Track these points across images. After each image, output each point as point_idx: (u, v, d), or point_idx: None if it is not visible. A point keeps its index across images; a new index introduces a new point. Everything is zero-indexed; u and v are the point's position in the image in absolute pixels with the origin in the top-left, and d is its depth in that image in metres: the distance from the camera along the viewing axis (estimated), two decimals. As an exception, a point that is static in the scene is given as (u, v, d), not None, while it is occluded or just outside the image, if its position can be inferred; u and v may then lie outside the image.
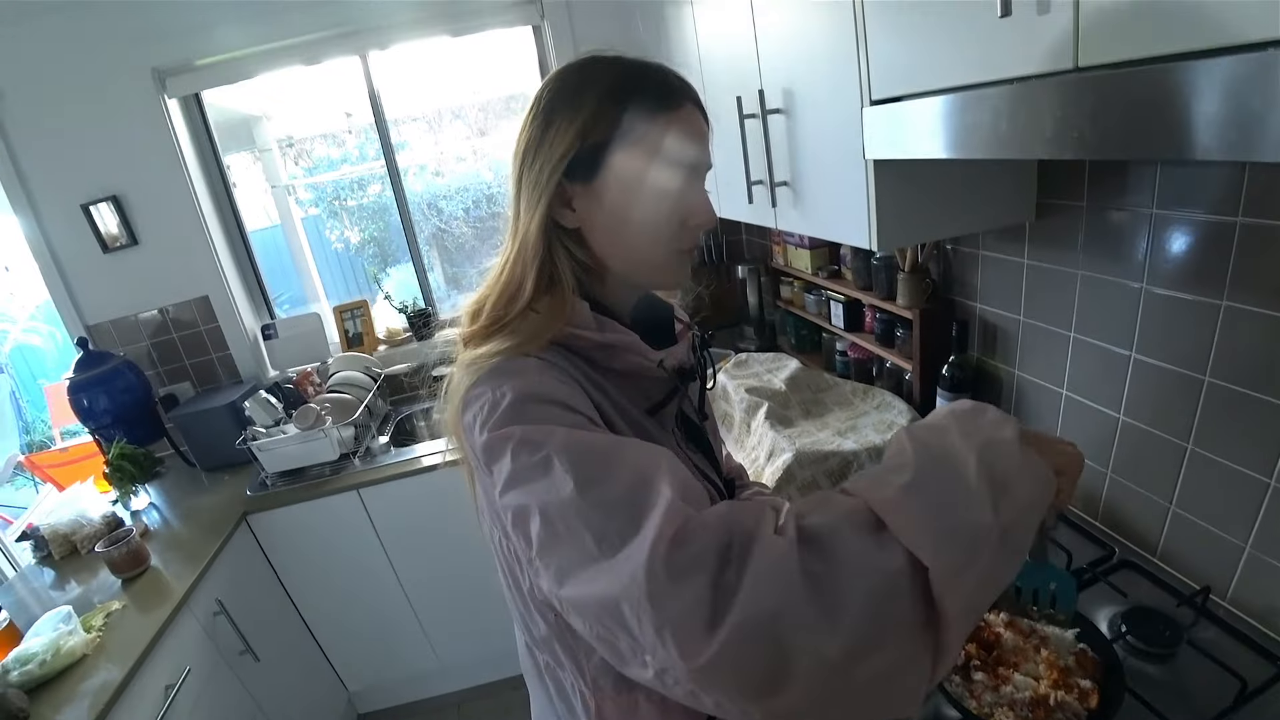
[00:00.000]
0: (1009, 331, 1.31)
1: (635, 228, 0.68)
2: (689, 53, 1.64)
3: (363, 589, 2.14)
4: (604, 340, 0.67)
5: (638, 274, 0.72)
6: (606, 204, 0.67)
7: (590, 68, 0.68)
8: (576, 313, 0.67)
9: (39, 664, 1.37)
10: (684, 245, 0.70)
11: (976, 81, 0.72)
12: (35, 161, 2.23)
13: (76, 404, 2.20)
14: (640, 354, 0.69)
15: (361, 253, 4.38)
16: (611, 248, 0.69)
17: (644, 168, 0.65)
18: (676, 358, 0.74)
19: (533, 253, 0.68)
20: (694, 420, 0.80)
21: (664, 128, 0.66)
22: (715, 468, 0.81)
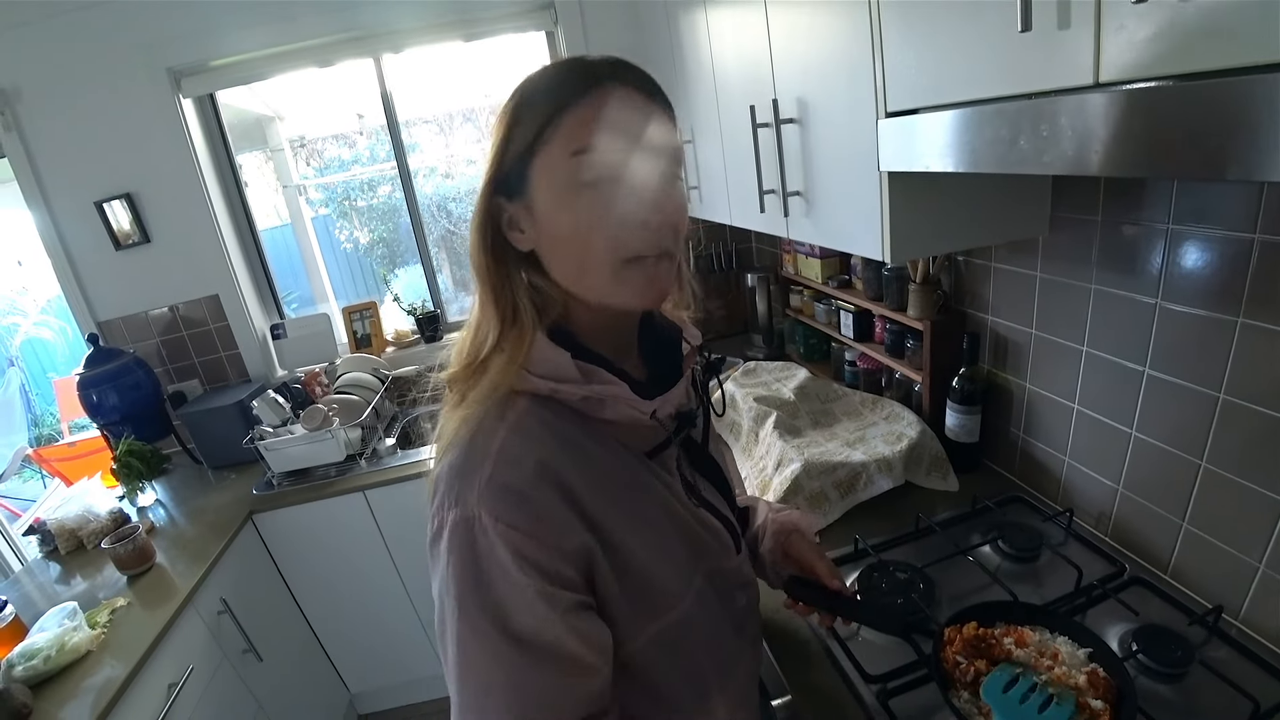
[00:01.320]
0: (1020, 344, 1.30)
1: (571, 238, 0.59)
2: (702, 60, 1.64)
3: (367, 591, 2.14)
4: (587, 392, 0.62)
5: (593, 293, 0.62)
6: (542, 218, 0.60)
7: (521, 81, 0.62)
8: (555, 362, 0.62)
9: (43, 660, 1.37)
10: (633, 250, 0.59)
11: (995, 96, 0.72)
12: (51, 158, 2.26)
13: (86, 400, 2.21)
14: (629, 405, 0.63)
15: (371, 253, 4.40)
16: (562, 268, 0.62)
17: (562, 165, 0.57)
18: (672, 404, 0.68)
19: (487, 283, 0.63)
20: (703, 450, 0.77)
21: (581, 117, 0.57)
22: (728, 497, 0.78)
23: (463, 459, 0.60)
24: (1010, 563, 1.16)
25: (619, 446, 0.66)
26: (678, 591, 0.67)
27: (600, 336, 0.67)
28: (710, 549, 0.72)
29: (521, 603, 0.55)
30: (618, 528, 0.62)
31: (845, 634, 1.05)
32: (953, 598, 1.09)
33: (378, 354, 2.58)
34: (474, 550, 0.56)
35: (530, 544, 0.56)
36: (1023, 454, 1.37)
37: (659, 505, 0.68)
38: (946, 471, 1.40)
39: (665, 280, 0.63)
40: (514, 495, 0.57)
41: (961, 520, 1.27)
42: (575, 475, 0.60)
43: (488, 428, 0.61)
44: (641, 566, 0.63)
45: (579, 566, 0.59)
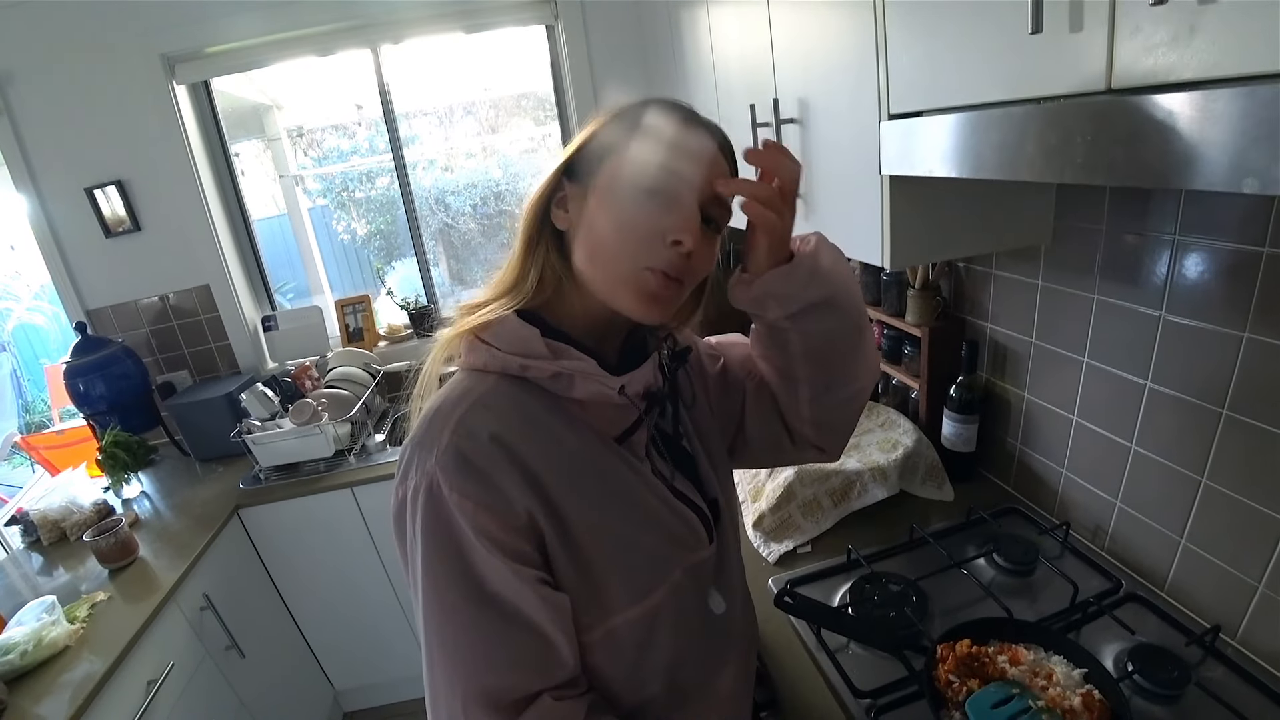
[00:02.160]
0: (1020, 354, 1.28)
1: (608, 228, 0.64)
2: (703, 57, 1.61)
3: (354, 588, 2.12)
4: (557, 369, 0.65)
5: (601, 286, 0.65)
6: (591, 206, 0.65)
7: (638, 101, 0.68)
8: (524, 338, 0.65)
9: (20, 654, 1.35)
10: (655, 262, 0.63)
11: (1002, 100, 0.70)
12: (41, 143, 2.23)
13: (73, 389, 2.19)
14: (598, 381, 0.66)
15: (368, 245, 4.37)
16: (585, 253, 0.66)
17: (633, 170, 0.63)
18: (640, 382, 0.70)
19: (523, 240, 0.69)
20: (676, 441, 0.77)
21: (667, 138, 0.63)
22: (700, 487, 0.77)
23: (423, 431, 0.63)
24: (1005, 576, 1.14)
25: (589, 431, 0.68)
26: (646, 585, 0.67)
27: (584, 329, 0.69)
28: (682, 538, 0.71)
29: (485, 568, 0.59)
30: (577, 511, 0.63)
31: (835, 646, 1.03)
32: (946, 611, 1.07)
33: (370, 348, 2.55)
34: (436, 517, 0.59)
35: (484, 515, 0.58)
36: (1020, 465, 1.35)
37: (627, 491, 0.68)
38: (942, 481, 1.38)
39: (668, 302, 0.65)
40: (467, 465, 0.59)
41: (956, 531, 1.25)
42: (536, 454, 0.62)
43: (452, 400, 0.64)
44: (600, 556, 0.64)
45: (534, 543, 0.61)
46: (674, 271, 0.63)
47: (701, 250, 0.65)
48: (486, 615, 0.59)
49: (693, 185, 0.63)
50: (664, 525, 0.70)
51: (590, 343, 0.68)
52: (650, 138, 0.64)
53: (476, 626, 0.59)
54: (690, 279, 0.66)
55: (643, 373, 0.70)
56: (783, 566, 1.26)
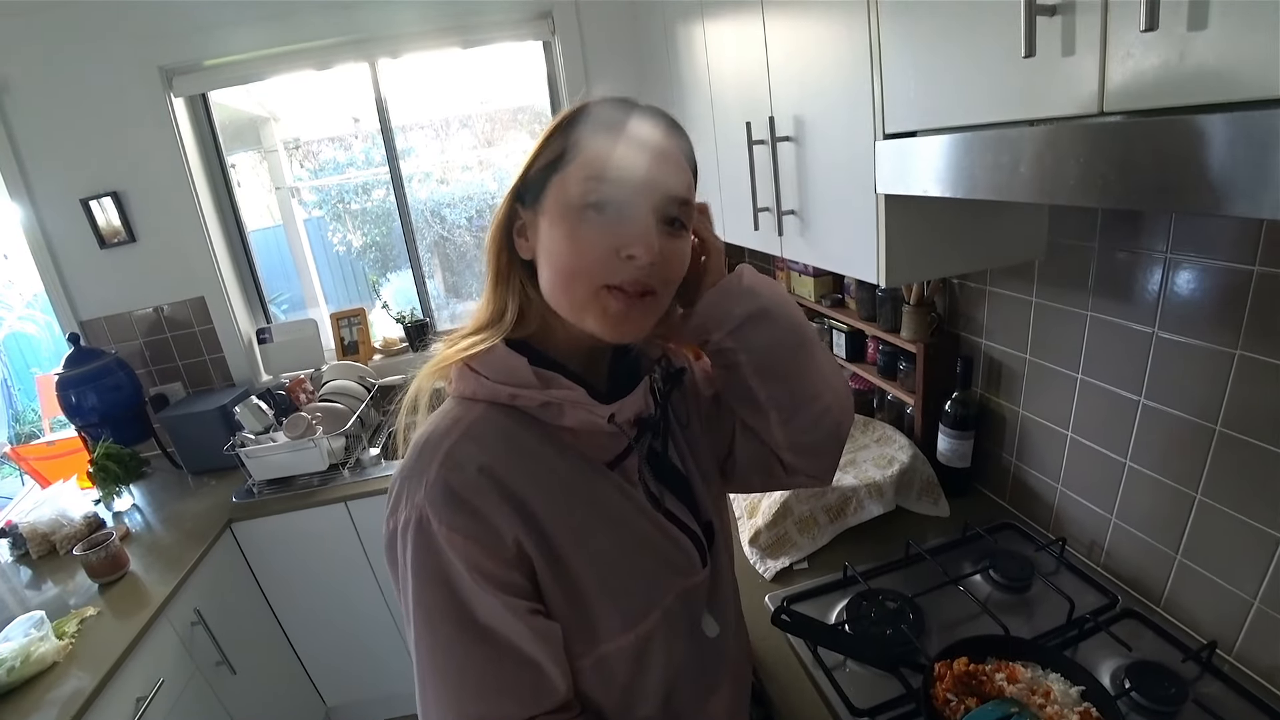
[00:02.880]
0: (1014, 370, 1.29)
1: (563, 252, 0.61)
2: (699, 74, 1.63)
3: (346, 603, 2.10)
4: (545, 398, 0.63)
5: (569, 311, 0.63)
6: (544, 230, 0.62)
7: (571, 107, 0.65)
8: (512, 367, 0.63)
9: (7, 670, 1.33)
10: (612, 279, 0.60)
11: (996, 121, 0.71)
12: (37, 153, 2.22)
13: (65, 400, 2.17)
14: (587, 409, 0.64)
15: (363, 257, 4.37)
16: (549, 280, 0.63)
17: (575, 185, 0.60)
18: (631, 409, 0.68)
19: (492, 275, 0.68)
20: (670, 464, 0.76)
21: (605, 146, 0.60)
22: (691, 507, 0.76)
23: (412, 463, 0.62)
24: (1001, 592, 1.14)
25: (580, 458, 0.67)
26: (638, 612, 0.66)
27: (572, 355, 0.68)
28: (675, 564, 0.70)
29: (475, 601, 0.59)
30: (567, 540, 0.62)
31: (832, 664, 1.02)
32: (943, 628, 1.07)
33: (365, 361, 2.55)
34: (426, 550, 0.59)
35: (473, 548, 0.58)
36: (1015, 480, 1.35)
37: (619, 518, 0.67)
38: (938, 497, 1.38)
39: (641, 320, 0.63)
40: (455, 498, 0.58)
41: (952, 547, 1.26)
42: (525, 483, 0.61)
43: (440, 431, 0.63)
44: (591, 585, 0.63)
45: (525, 572, 0.61)
46: (635, 287, 0.60)
47: (668, 254, 0.62)
48: (478, 645, 0.59)
49: (641, 190, 0.60)
50: (656, 551, 0.69)
51: (580, 368, 0.68)
52: (588, 147, 0.61)
53: (468, 656, 0.59)
54: (664, 287, 0.63)
55: (633, 400, 0.68)
56: (779, 583, 1.26)
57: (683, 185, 0.64)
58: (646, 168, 0.60)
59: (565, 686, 0.63)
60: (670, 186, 0.62)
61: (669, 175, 0.62)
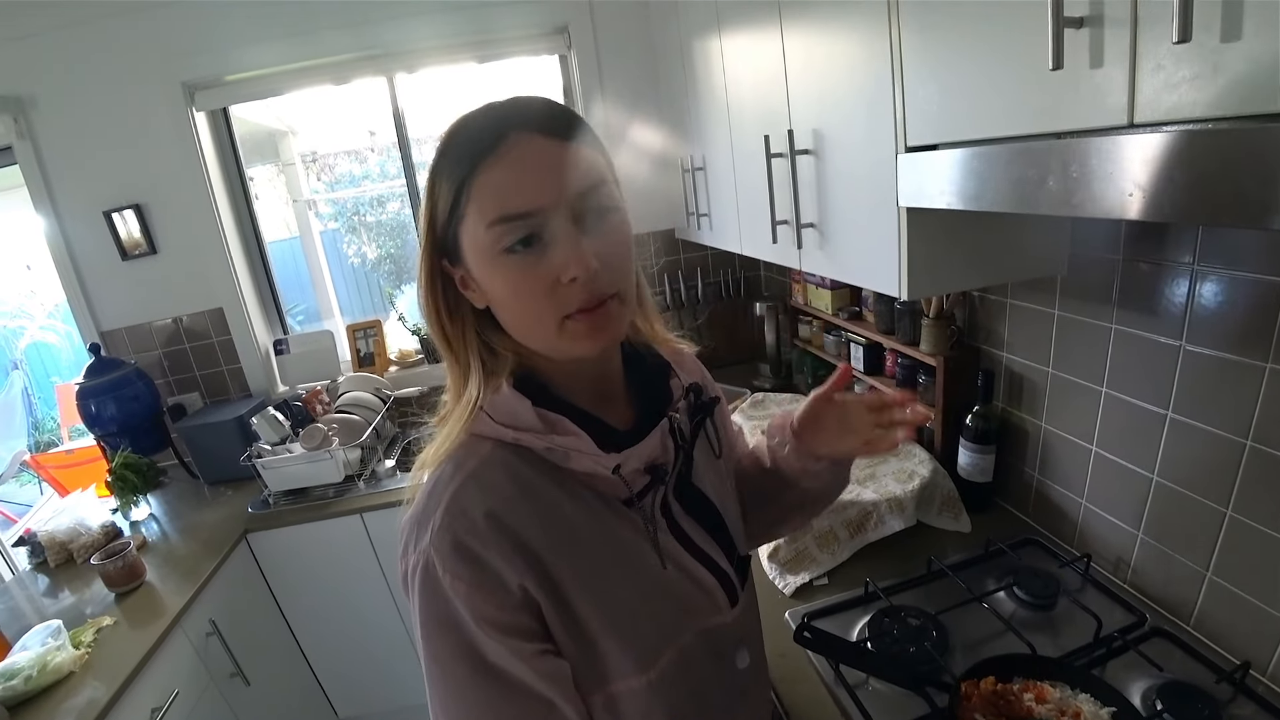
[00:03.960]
0: (1036, 383, 1.27)
1: (508, 301, 0.59)
2: (716, 88, 1.64)
3: (361, 615, 2.10)
4: (548, 444, 0.61)
5: (543, 349, 0.61)
6: (480, 280, 0.59)
7: (440, 139, 0.60)
8: (516, 411, 0.61)
9: (24, 679, 1.33)
10: (571, 306, 0.56)
11: (1022, 134, 0.70)
12: (61, 166, 2.26)
13: (84, 410, 2.20)
14: (592, 459, 0.61)
15: (378, 268, 4.41)
16: (511, 326, 0.61)
17: (482, 235, 0.56)
18: (641, 458, 0.64)
19: (443, 341, 0.64)
20: (700, 497, 0.73)
21: (488, 184, 0.55)
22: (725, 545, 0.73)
23: (420, 508, 0.61)
24: (1026, 610, 1.12)
25: (593, 496, 0.64)
26: (649, 654, 0.63)
27: (574, 385, 0.65)
28: (695, 606, 0.68)
29: (483, 645, 0.57)
30: (574, 583, 0.60)
31: (854, 682, 1.01)
32: (967, 646, 1.05)
33: (380, 373, 2.56)
34: (434, 596, 0.58)
35: (478, 596, 0.57)
36: (1038, 495, 1.33)
37: (632, 558, 0.64)
38: (959, 512, 1.36)
39: (615, 324, 0.60)
40: (459, 546, 0.57)
41: (975, 563, 1.24)
42: (532, 526, 0.59)
43: (446, 476, 0.61)
44: (599, 627, 0.61)
45: (533, 613, 0.59)
46: (592, 302, 0.57)
47: (606, 252, 0.57)
48: (490, 685, 0.58)
49: (547, 211, 0.55)
50: (674, 593, 0.66)
51: (590, 402, 0.64)
52: (473, 190, 0.55)
53: (479, 696, 0.59)
54: (621, 282, 0.59)
55: (644, 447, 0.64)
56: (799, 599, 1.25)
57: (587, 174, 0.57)
58: (542, 185, 0.55)
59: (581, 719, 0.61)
60: (575, 187, 0.56)
61: (569, 176, 0.56)
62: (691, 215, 2.05)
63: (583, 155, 0.57)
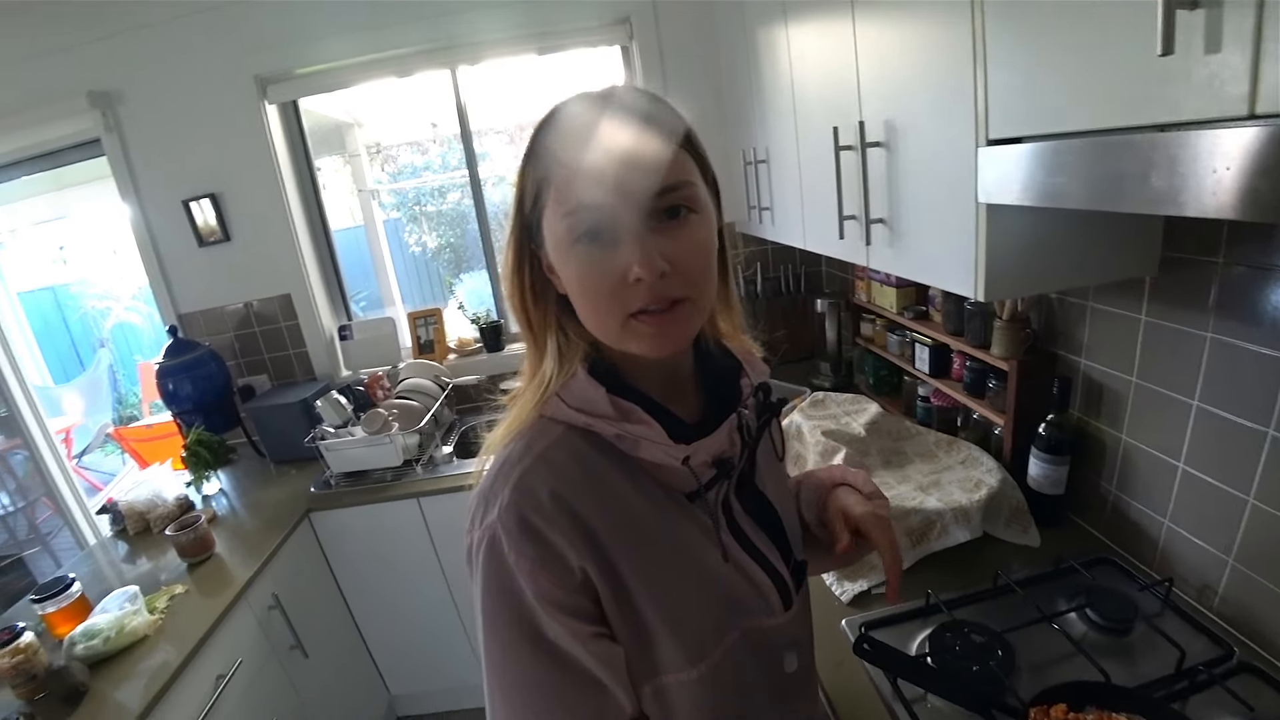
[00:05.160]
0: (1118, 393, 1.20)
1: (578, 292, 0.59)
2: (781, 78, 1.59)
3: (415, 596, 2.15)
4: (619, 431, 0.62)
5: (609, 342, 0.61)
6: (558, 267, 0.60)
7: (534, 129, 0.61)
8: (590, 397, 0.62)
9: (103, 640, 1.41)
10: (635, 305, 0.56)
11: (1122, 126, 0.65)
12: (145, 157, 2.39)
13: (163, 388, 2.31)
14: (662, 449, 0.62)
15: (438, 257, 4.50)
16: (583, 319, 0.61)
17: (559, 224, 0.57)
18: (710, 450, 0.65)
19: (525, 323, 0.66)
20: (761, 498, 0.72)
21: (569, 176, 0.55)
22: (782, 547, 0.72)
23: (489, 483, 0.62)
24: (1099, 634, 1.05)
25: (657, 487, 0.64)
26: (699, 649, 0.63)
27: (645, 375, 0.65)
28: (748, 605, 0.67)
29: (542, 621, 0.59)
30: (632, 571, 0.61)
31: (912, 697, 0.97)
32: (1033, 668, 1.00)
33: (440, 360, 2.60)
34: (498, 571, 0.59)
35: (541, 573, 0.58)
36: (1114, 511, 1.25)
37: (690, 553, 0.64)
38: (1027, 524, 1.30)
39: (682, 330, 0.59)
40: (525, 524, 0.58)
41: (1044, 580, 1.17)
42: (595, 511, 0.60)
43: (516, 454, 0.62)
44: (653, 617, 0.62)
45: (590, 596, 0.60)
46: (660, 303, 0.56)
47: (677, 255, 0.56)
48: (543, 662, 0.59)
49: (619, 205, 0.55)
50: (729, 590, 0.66)
51: (661, 393, 0.65)
52: (555, 178, 0.56)
53: (534, 672, 0.60)
54: (692, 288, 0.58)
55: (713, 440, 0.65)
56: (856, 607, 1.21)
57: (665, 173, 0.56)
58: (616, 179, 0.54)
59: (632, 707, 0.62)
60: (650, 184, 0.55)
61: (646, 172, 0.55)
62: (753, 209, 2.01)
63: (665, 153, 0.56)
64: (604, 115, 0.56)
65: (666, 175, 0.56)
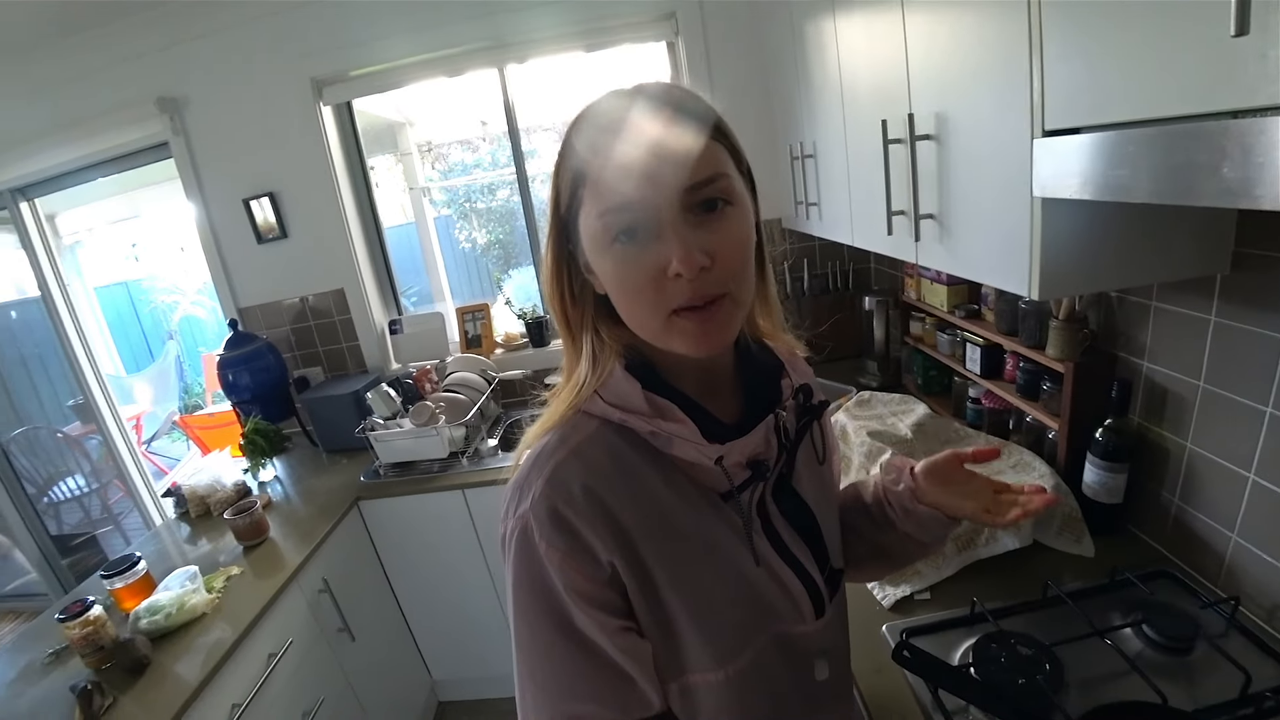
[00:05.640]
0: (1183, 398, 1.13)
1: (618, 291, 0.59)
2: (829, 71, 1.56)
3: (458, 585, 2.20)
4: (653, 428, 0.61)
5: (651, 340, 0.60)
6: (596, 266, 0.60)
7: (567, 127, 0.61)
8: (625, 393, 0.62)
9: (165, 616, 1.48)
10: (676, 302, 0.56)
11: (1191, 113, 0.61)
12: (209, 159, 2.50)
13: (223, 378, 2.41)
14: (695, 447, 0.61)
15: (487, 254, 4.57)
16: (623, 316, 0.61)
17: (595, 223, 0.56)
18: (744, 451, 0.64)
19: (564, 324, 0.66)
20: (799, 501, 0.71)
21: (605, 174, 0.55)
22: (818, 553, 0.70)
23: (524, 474, 0.63)
24: (1156, 652, 1.00)
25: (690, 486, 0.64)
26: (728, 650, 0.63)
27: (684, 372, 0.65)
28: (778, 610, 0.66)
29: (571, 611, 0.59)
30: (661, 569, 0.61)
31: (953, 708, 0.94)
32: (1083, 685, 0.95)
33: (487, 355, 2.65)
34: (530, 561, 0.60)
35: (570, 565, 0.58)
36: (1176, 523, 1.19)
37: (720, 553, 0.64)
38: (1081, 533, 1.24)
39: (724, 327, 0.58)
40: (557, 516, 0.58)
41: (1097, 593, 1.12)
42: (627, 507, 0.60)
43: (550, 447, 0.63)
44: (681, 616, 0.62)
45: (619, 590, 0.61)
46: (701, 299, 0.56)
47: (717, 247, 0.55)
48: (570, 651, 0.60)
49: (656, 201, 0.54)
50: (759, 593, 0.65)
51: (697, 390, 0.64)
52: (589, 177, 0.56)
53: (562, 660, 0.60)
54: (732, 282, 0.57)
55: (748, 441, 0.64)
56: (897, 613, 1.18)
57: (701, 166, 0.55)
58: (651, 174, 0.54)
59: (658, 700, 0.62)
60: (684, 177, 0.54)
61: (679, 167, 0.54)
62: (800, 204, 1.98)
63: (699, 145, 0.55)
64: (634, 111, 0.56)
65: (701, 168, 0.55)
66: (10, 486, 3.32)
